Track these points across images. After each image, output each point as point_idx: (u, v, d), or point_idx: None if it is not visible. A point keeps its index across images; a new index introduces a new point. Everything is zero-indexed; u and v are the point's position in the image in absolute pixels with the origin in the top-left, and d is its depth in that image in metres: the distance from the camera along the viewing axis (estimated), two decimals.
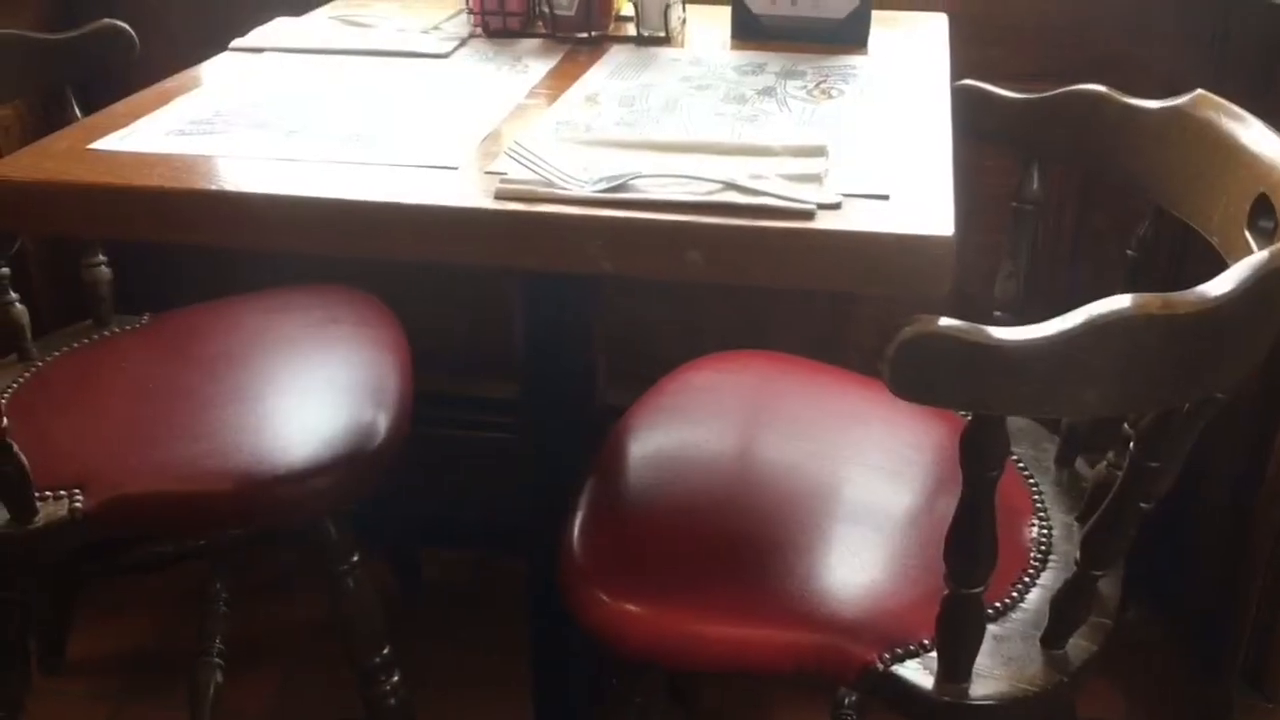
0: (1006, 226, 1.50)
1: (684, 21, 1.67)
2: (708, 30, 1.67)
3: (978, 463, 0.98)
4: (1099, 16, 1.86)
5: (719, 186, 1.06)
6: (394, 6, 1.76)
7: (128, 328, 1.79)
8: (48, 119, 1.76)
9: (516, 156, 1.12)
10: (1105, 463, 1.33)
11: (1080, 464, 1.46)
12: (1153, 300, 0.90)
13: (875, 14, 1.61)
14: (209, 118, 1.27)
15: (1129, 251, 1.41)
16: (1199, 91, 1.32)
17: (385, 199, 1.07)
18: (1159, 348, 0.91)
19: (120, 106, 1.30)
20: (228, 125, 1.25)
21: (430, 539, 2.22)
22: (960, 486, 1.00)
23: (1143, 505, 1.08)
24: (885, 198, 1.06)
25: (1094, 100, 1.42)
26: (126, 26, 1.73)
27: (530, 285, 1.40)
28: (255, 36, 1.60)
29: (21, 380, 1.64)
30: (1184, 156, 1.31)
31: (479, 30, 1.64)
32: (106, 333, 1.78)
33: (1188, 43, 1.84)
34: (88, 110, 1.69)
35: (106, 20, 1.74)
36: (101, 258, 1.77)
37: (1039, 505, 1.38)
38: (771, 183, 1.06)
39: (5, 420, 1.30)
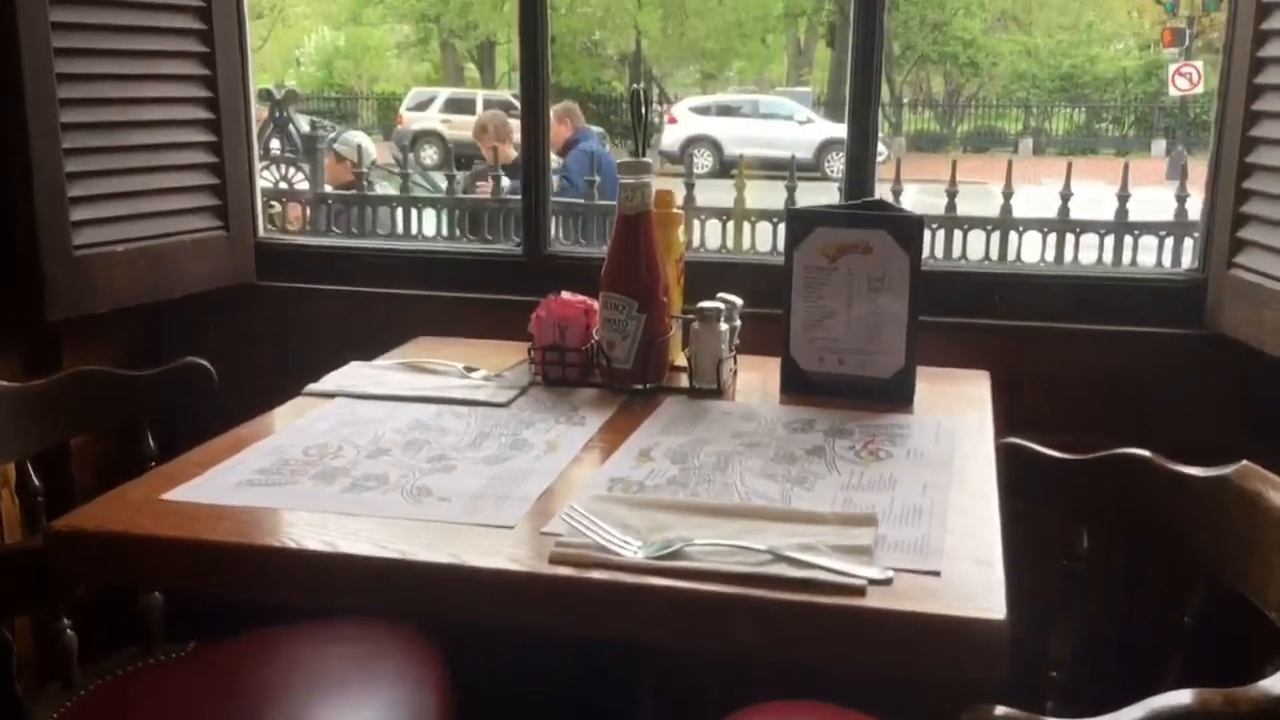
0: (1057, 579, 1.49)
1: (735, 374, 1.74)
2: (759, 382, 1.74)
3: None
4: (1137, 371, 1.93)
5: (769, 557, 1.08)
6: (461, 351, 1.86)
7: (173, 655, 1.79)
8: (123, 447, 1.84)
9: (571, 520, 1.15)
10: None
11: None
12: (1214, 697, 0.89)
13: (920, 369, 1.67)
14: (278, 468, 1.33)
15: (1185, 619, 1.39)
16: (1244, 463, 1.34)
17: (441, 559, 1.10)
18: None
19: (195, 454, 1.37)
20: (295, 476, 1.30)
21: None
22: None
23: None
24: (936, 574, 1.07)
25: (1138, 465, 1.45)
26: (207, 365, 1.84)
27: (581, 642, 1.40)
28: (328, 381, 1.69)
29: (62, 710, 1.63)
30: (1234, 529, 1.32)
31: (539, 378, 1.72)
32: (152, 660, 1.77)
33: (1224, 401, 1.88)
34: (162, 442, 1.77)
35: (189, 358, 1.84)
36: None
37: None
38: (822, 554, 1.08)
39: None
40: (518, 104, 2.27)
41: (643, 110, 1.73)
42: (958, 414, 1.58)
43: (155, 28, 2.01)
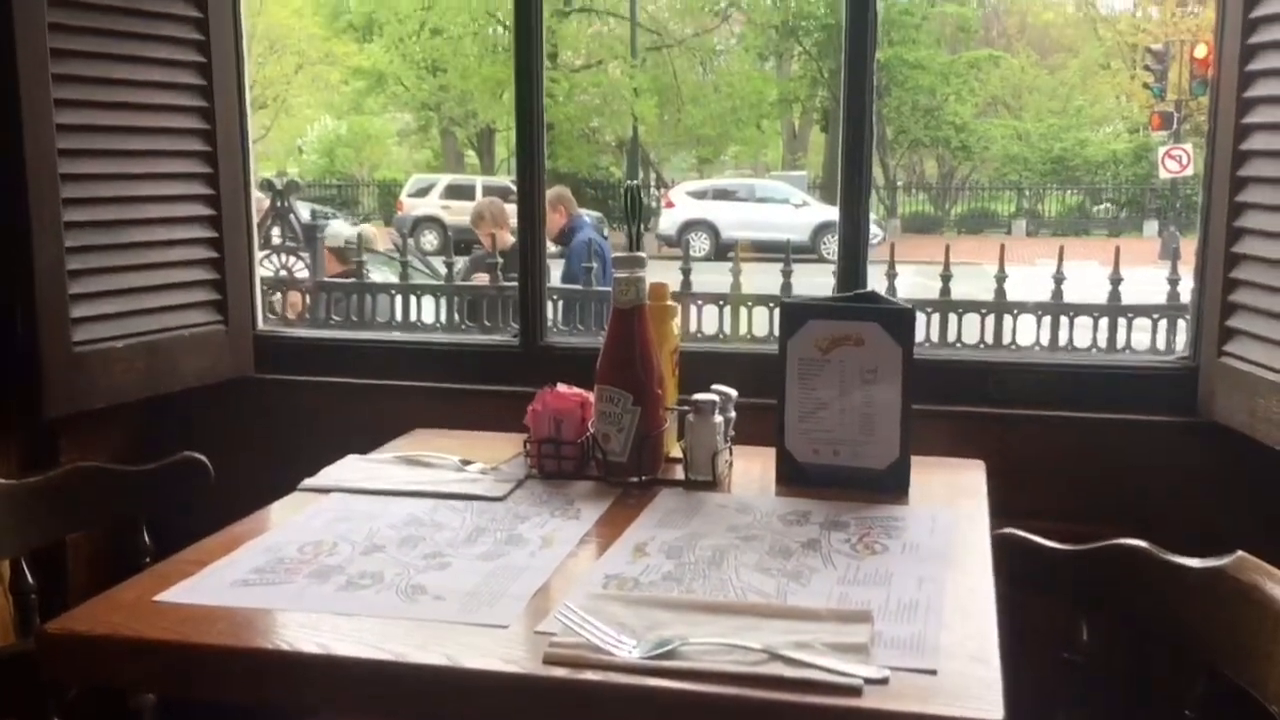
0: (1057, 672, 1.48)
1: (730, 465, 1.75)
2: (754, 473, 1.74)
3: None
4: (1133, 458, 1.93)
5: (765, 657, 1.07)
6: (457, 444, 1.87)
7: None
8: (119, 543, 1.84)
9: (565, 619, 1.14)
10: None
11: None
12: None
13: (915, 459, 1.67)
14: (272, 566, 1.33)
15: (1186, 711, 1.38)
16: (1240, 554, 1.34)
17: (435, 661, 1.09)
18: None
19: (190, 553, 1.37)
20: (290, 575, 1.30)
21: None
22: None
23: None
24: (933, 673, 1.06)
25: (1135, 556, 1.45)
26: (204, 459, 1.84)
27: None
28: (324, 476, 1.69)
29: None
30: (1232, 620, 1.31)
31: (535, 471, 1.72)
32: None
33: (1219, 489, 1.89)
34: (159, 536, 1.77)
35: (185, 453, 1.85)
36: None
37: None
38: (818, 653, 1.07)
39: None
40: (515, 188, 2.31)
41: (638, 204, 1.76)
42: (953, 504, 1.59)
43: (158, 128, 2.05)
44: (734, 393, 1.76)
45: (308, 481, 1.67)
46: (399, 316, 4.25)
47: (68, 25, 1.88)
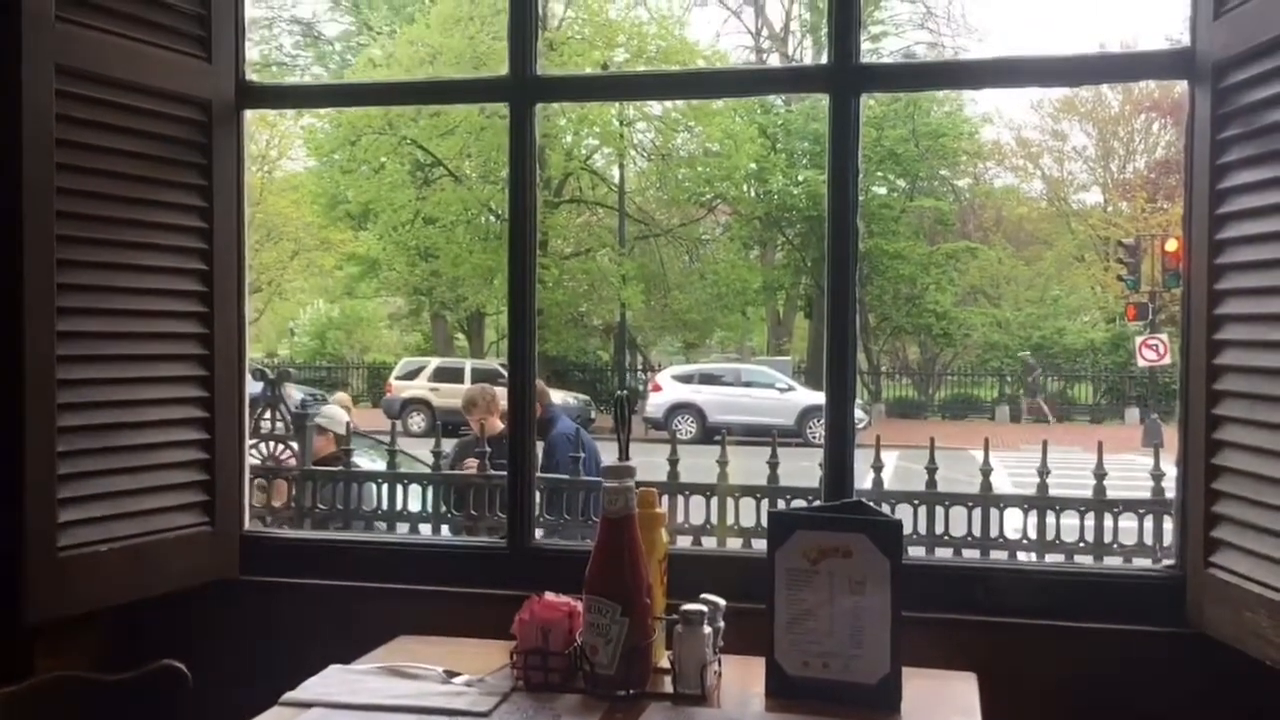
0: None
1: (719, 676, 1.72)
2: (743, 684, 1.71)
3: None
4: (1123, 670, 1.91)
5: None
6: (442, 651, 1.84)
7: None
8: None
9: None
10: None
11: None
12: None
13: (906, 670, 1.65)
14: None
15: None
16: None
17: None
18: None
19: None
20: None
21: None
22: None
23: None
24: None
25: None
26: (183, 668, 1.81)
27: None
28: (306, 689, 1.66)
29: None
30: None
31: (521, 683, 1.69)
32: None
33: (1212, 704, 1.86)
34: None
35: (164, 661, 1.81)
36: None
37: None
38: None
39: None
40: (505, 373, 2.33)
41: (627, 413, 1.79)
42: None
43: (155, 333, 2.09)
44: (722, 602, 1.75)
45: (289, 695, 1.63)
46: (385, 505, 4.23)
47: (75, 237, 1.94)
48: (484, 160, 20.80)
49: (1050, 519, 3.61)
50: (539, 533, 2.33)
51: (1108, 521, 3.75)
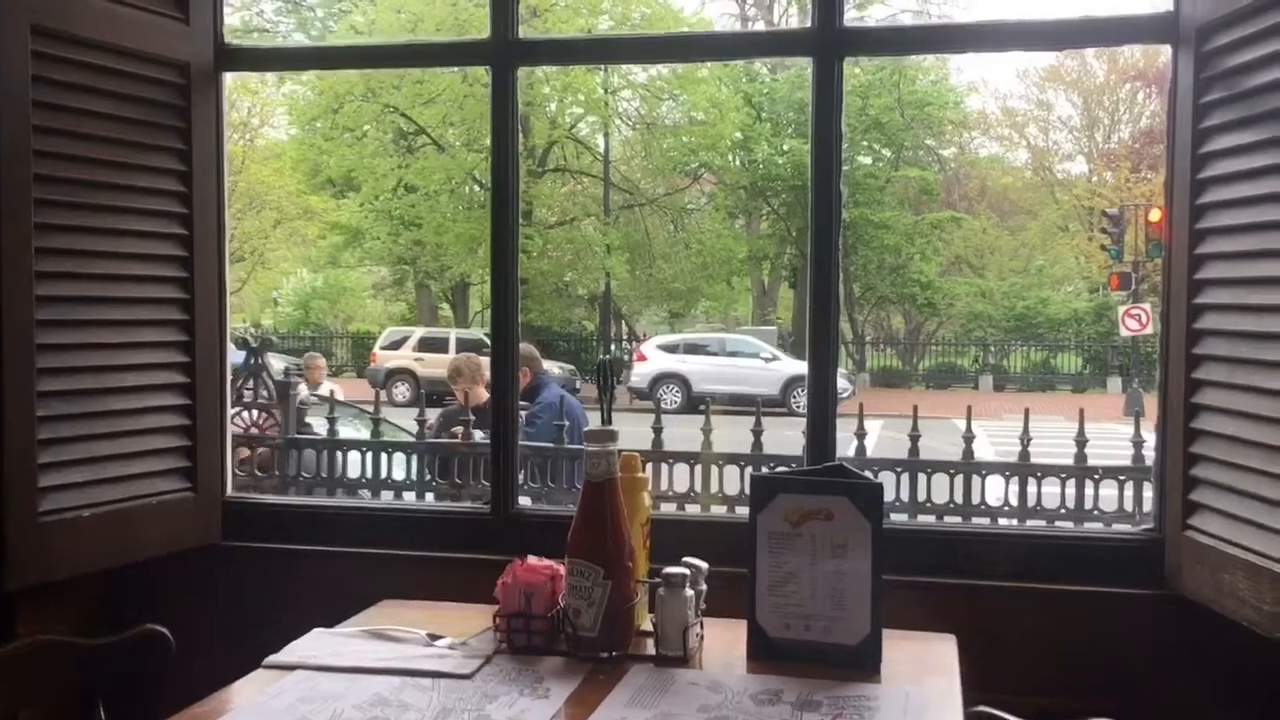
0: None
1: (701, 639, 1.73)
2: (725, 647, 1.72)
3: None
4: (1103, 631, 1.93)
5: None
6: (426, 615, 1.84)
7: None
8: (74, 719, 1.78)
9: None
10: None
11: None
12: None
13: (886, 632, 1.66)
14: None
15: None
16: None
17: None
18: None
19: None
20: None
21: None
22: None
23: None
24: None
25: None
26: (165, 631, 1.80)
27: None
28: (289, 652, 1.66)
29: None
30: None
31: (504, 646, 1.70)
32: None
33: (1191, 662, 1.88)
34: (120, 713, 1.72)
35: (147, 625, 1.81)
36: None
37: None
38: None
39: None
40: (490, 342, 2.33)
41: (610, 379, 1.79)
42: (925, 681, 1.57)
43: (135, 298, 2.08)
44: (704, 565, 1.76)
45: (272, 658, 1.63)
46: (369, 474, 4.23)
47: (53, 200, 1.92)
48: (467, 129, 20.66)
49: (1031, 486, 3.66)
50: (524, 500, 2.33)
51: (1089, 488, 3.79)
